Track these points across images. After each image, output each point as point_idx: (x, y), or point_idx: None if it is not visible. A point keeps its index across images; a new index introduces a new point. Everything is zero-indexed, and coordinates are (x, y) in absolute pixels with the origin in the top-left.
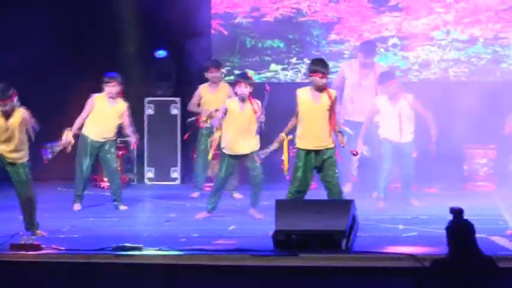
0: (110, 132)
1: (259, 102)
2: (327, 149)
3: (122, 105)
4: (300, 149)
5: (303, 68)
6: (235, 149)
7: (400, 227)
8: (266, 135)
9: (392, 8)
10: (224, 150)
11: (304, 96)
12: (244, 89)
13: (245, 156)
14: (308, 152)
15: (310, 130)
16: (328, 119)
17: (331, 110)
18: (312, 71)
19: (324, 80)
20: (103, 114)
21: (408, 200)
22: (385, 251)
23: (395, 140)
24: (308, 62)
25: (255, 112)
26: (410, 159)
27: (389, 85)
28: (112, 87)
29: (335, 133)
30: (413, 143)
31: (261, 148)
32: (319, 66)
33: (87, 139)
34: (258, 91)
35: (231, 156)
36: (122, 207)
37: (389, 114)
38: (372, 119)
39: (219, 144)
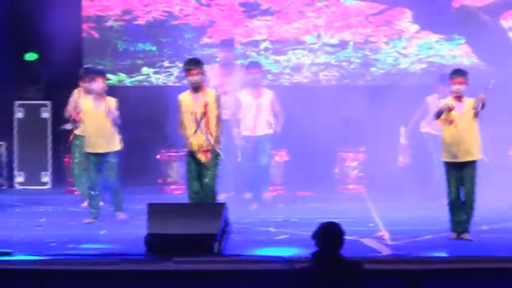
0: None
1: (113, 100)
2: (207, 150)
3: None
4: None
5: (176, 72)
6: (95, 147)
7: (272, 229)
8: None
9: (264, 12)
10: (86, 149)
11: (185, 100)
12: (101, 84)
13: (103, 155)
14: (192, 154)
15: (189, 133)
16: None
17: (212, 111)
18: (185, 71)
19: (196, 77)
20: None
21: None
22: (256, 254)
23: (251, 134)
24: (181, 65)
25: (108, 110)
26: (267, 152)
27: (254, 73)
28: None
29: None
30: (271, 137)
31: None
32: (190, 64)
33: None
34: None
35: (92, 154)
36: None
37: (249, 106)
38: (236, 115)
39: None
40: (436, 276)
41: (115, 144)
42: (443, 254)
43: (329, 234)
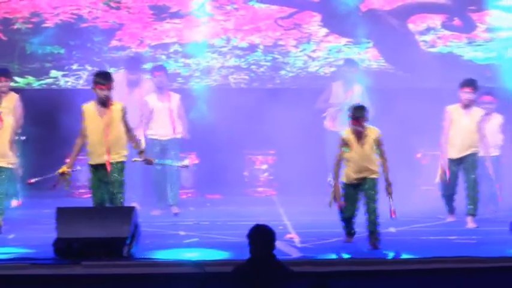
0: None
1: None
2: (116, 162)
3: None
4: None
5: (84, 75)
6: None
7: (182, 233)
8: None
9: (174, 15)
10: None
11: (90, 110)
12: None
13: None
14: (95, 167)
15: (94, 144)
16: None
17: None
18: (94, 83)
19: (105, 92)
20: None
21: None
22: (166, 257)
23: (163, 138)
24: (90, 68)
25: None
26: (176, 156)
27: (158, 76)
28: None
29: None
30: (179, 141)
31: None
32: (100, 78)
33: None
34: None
35: None
36: None
37: (158, 110)
38: (144, 119)
39: None
40: (345, 278)
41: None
42: (351, 256)
43: (261, 236)
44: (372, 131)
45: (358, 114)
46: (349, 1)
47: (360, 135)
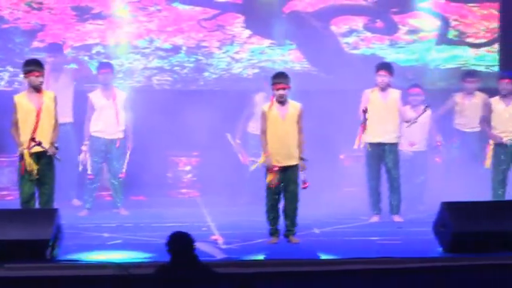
0: None
1: None
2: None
3: None
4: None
5: (6, 76)
6: None
7: (105, 235)
8: None
9: (96, 16)
10: None
11: (23, 100)
12: None
13: None
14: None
15: (28, 133)
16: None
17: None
18: (28, 71)
19: (40, 79)
20: None
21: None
22: (90, 259)
23: (107, 136)
24: (11, 70)
25: None
26: (122, 155)
27: (104, 73)
28: None
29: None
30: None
31: None
32: (34, 65)
33: None
34: None
35: None
36: None
37: (102, 108)
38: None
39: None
40: (269, 279)
41: None
42: (276, 257)
43: (182, 241)
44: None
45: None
46: (272, 3)
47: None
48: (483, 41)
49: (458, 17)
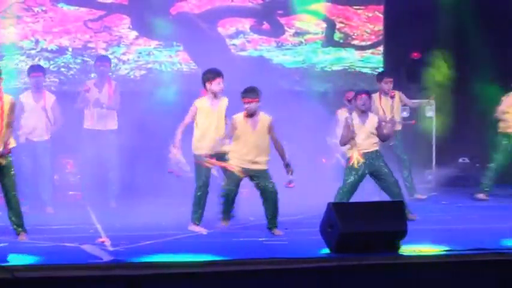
0: None
1: None
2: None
3: None
4: None
5: None
6: None
7: None
8: None
9: None
10: None
11: None
12: None
13: None
14: None
15: None
16: None
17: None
18: None
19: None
20: None
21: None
22: None
23: (34, 139)
24: None
25: None
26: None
27: (35, 76)
28: None
29: None
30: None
31: None
32: None
33: None
34: None
35: None
36: None
37: (31, 110)
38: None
39: None
40: (157, 281)
41: None
42: (164, 259)
43: None
44: None
45: None
46: (159, 4)
47: None
48: (368, 43)
49: (343, 19)
